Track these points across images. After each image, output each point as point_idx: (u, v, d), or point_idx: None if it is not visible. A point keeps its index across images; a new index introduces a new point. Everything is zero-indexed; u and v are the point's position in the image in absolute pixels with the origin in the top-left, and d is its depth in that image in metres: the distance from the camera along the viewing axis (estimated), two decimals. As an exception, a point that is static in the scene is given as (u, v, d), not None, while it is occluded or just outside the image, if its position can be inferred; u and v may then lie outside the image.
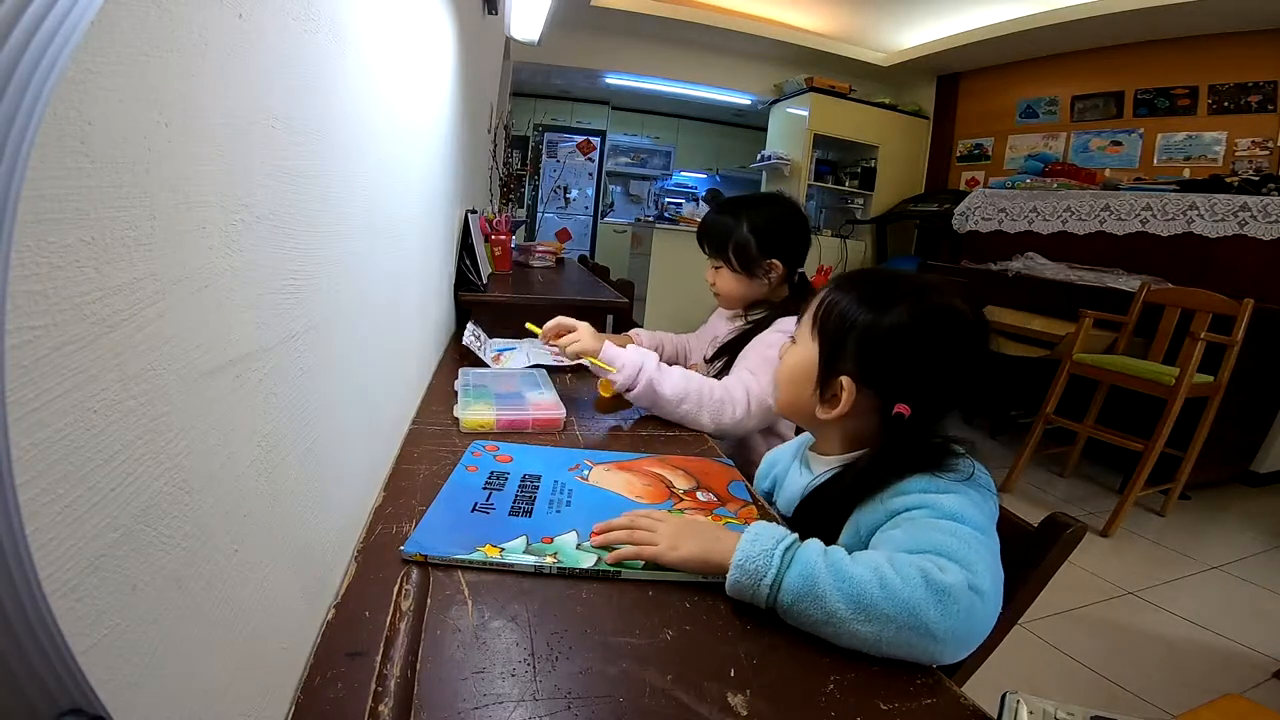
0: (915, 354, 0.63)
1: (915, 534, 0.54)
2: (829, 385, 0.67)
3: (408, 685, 0.43)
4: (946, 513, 0.55)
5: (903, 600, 0.48)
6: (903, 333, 0.63)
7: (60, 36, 0.18)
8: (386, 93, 0.68)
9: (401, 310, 0.87)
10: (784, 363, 0.74)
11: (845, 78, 4.64)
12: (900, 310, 0.63)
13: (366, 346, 0.65)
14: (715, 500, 0.74)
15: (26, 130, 0.17)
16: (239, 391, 0.34)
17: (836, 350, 0.66)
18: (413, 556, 0.58)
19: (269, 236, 0.37)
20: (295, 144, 0.41)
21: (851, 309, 0.66)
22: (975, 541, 0.53)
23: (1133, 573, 1.90)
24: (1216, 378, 2.17)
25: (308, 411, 0.46)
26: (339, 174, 0.52)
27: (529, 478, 0.75)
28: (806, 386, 0.69)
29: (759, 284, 1.16)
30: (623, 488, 0.75)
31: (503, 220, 2.21)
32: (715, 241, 1.17)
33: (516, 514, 0.67)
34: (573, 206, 6.61)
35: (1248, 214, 2.52)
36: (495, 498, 0.69)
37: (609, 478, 0.77)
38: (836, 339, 0.66)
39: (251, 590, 0.37)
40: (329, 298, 0.50)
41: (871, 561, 0.51)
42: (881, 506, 0.60)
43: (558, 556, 0.59)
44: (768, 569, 0.52)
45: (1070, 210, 3.09)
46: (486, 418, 0.91)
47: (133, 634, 0.25)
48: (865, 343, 0.64)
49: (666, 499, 0.73)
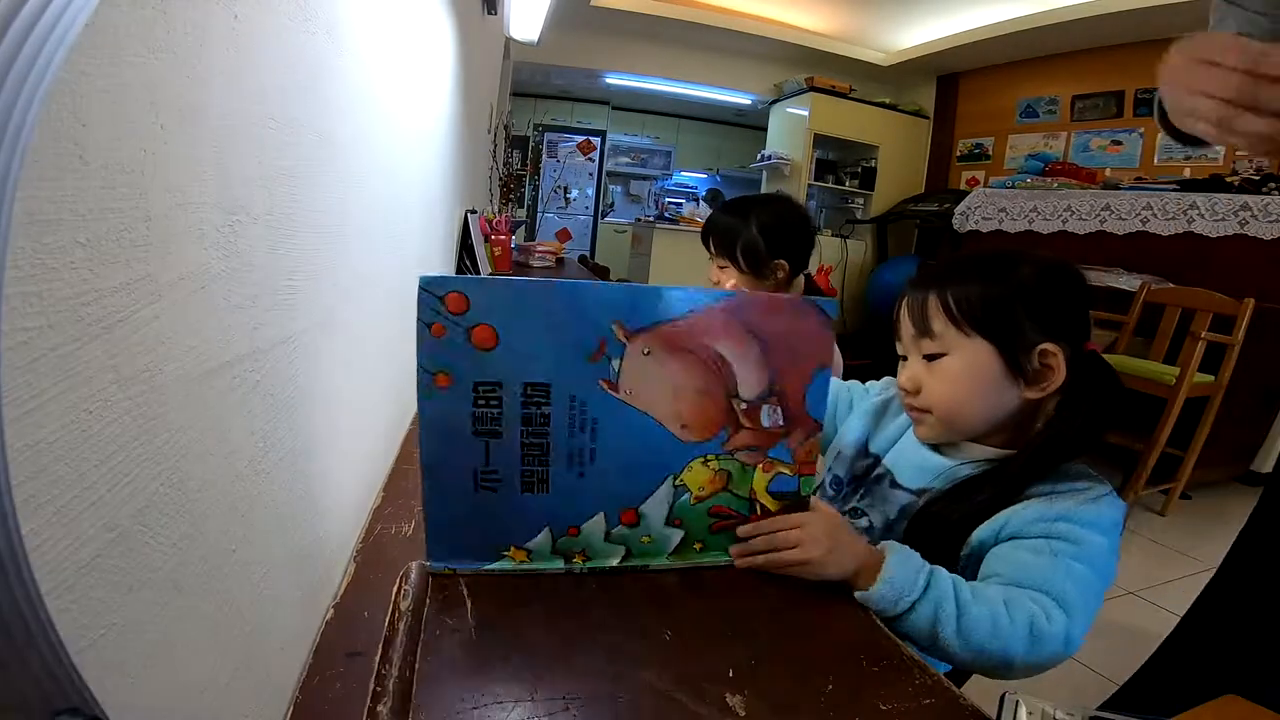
0: (1065, 299, 0.65)
1: (1046, 571, 0.56)
2: (1027, 362, 0.63)
3: (407, 685, 0.43)
4: (1088, 557, 0.57)
5: (1004, 642, 0.53)
6: (1046, 282, 0.65)
7: (55, 37, 0.18)
8: (385, 93, 0.68)
9: (400, 310, 0.87)
10: (944, 385, 0.66)
11: (845, 77, 4.64)
12: (1021, 270, 0.65)
13: (365, 347, 0.65)
14: (780, 428, 0.57)
15: (21, 132, 0.17)
16: (236, 392, 0.34)
17: (1012, 328, 0.63)
18: (443, 571, 0.54)
19: (266, 237, 0.37)
20: (293, 145, 0.41)
21: (988, 287, 0.64)
22: (1095, 592, 0.56)
23: (1133, 572, 1.89)
24: (1217, 377, 2.17)
25: (306, 412, 0.46)
26: (337, 175, 0.52)
27: (532, 390, 0.51)
28: (996, 384, 0.64)
29: (766, 285, 1.16)
30: (667, 406, 0.53)
31: (503, 220, 2.21)
32: (723, 241, 1.16)
33: (530, 488, 0.53)
34: (573, 206, 6.61)
35: (1248, 213, 2.51)
36: (497, 454, 0.52)
37: (651, 373, 0.52)
38: (1004, 317, 0.63)
39: (250, 590, 0.37)
40: (327, 299, 0.50)
41: (991, 601, 0.54)
42: (1039, 505, 0.60)
43: (586, 553, 0.55)
44: (911, 592, 0.54)
45: (1070, 210, 3.09)
46: None
47: (130, 634, 0.25)
48: (1030, 305, 0.64)
49: (719, 429, 0.55)
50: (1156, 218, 2.79)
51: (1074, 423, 0.63)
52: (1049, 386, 0.64)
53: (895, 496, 0.70)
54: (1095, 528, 0.58)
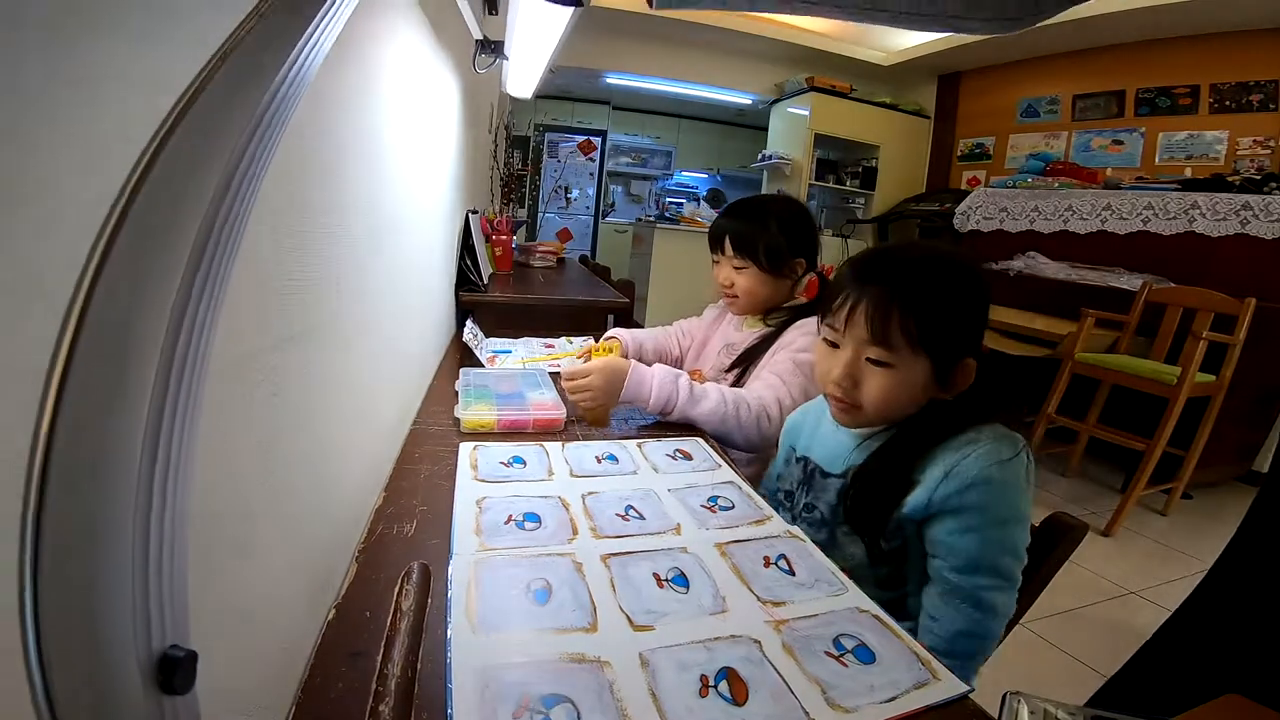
0: (986, 312, 0.70)
1: (980, 548, 0.64)
2: (951, 373, 0.69)
3: (408, 685, 0.43)
4: (1001, 512, 0.64)
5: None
6: (981, 297, 0.69)
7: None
8: (387, 93, 0.68)
9: (402, 311, 0.87)
10: (882, 392, 0.70)
11: (846, 77, 4.63)
12: (968, 286, 0.69)
13: (367, 347, 0.65)
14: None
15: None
16: (239, 392, 0.34)
17: (952, 347, 0.68)
18: None
19: (269, 237, 0.37)
20: (293, 145, 0.41)
21: (948, 310, 0.67)
22: (1017, 538, 0.65)
23: (1135, 572, 1.89)
24: (1218, 377, 2.17)
25: (308, 412, 0.46)
26: (339, 175, 0.52)
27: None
28: (923, 390, 0.70)
29: (784, 284, 1.16)
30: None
31: (504, 220, 2.21)
32: (743, 242, 1.14)
33: None
34: (574, 206, 6.61)
35: (1249, 213, 2.51)
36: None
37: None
38: (949, 339, 0.68)
39: (252, 590, 0.37)
40: (330, 298, 0.50)
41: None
42: (957, 457, 0.65)
43: None
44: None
45: (1072, 209, 3.09)
46: (487, 418, 0.91)
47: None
48: (969, 323, 0.69)
49: None
50: (1158, 217, 2.79)
51: (963, 402, 0.71)
52: (959, 391, 0.70)
53: (828, 484, 0.76)
54: (1000, 481, 0.64)
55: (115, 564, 0.17)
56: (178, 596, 0.19)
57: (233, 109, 0.20)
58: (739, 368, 1.15)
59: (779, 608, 0.54)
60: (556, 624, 0.50)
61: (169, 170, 0.18)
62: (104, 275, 0.17)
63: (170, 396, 0.18)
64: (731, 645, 0.49)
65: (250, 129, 0.20)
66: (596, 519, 0.67)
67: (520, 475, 0.76)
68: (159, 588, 0.18)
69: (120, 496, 0.17)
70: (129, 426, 0.17)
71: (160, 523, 0.18)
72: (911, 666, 0.49)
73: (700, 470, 0.83)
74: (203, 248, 0.19)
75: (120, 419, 0.17)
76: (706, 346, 1.29)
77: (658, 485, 0.77)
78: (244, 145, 0.20)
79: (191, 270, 0.18)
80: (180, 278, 0.18)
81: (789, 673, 0.47)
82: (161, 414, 0.18)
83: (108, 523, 0.17)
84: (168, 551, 0.19)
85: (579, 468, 0.80)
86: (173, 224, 0.18)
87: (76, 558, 0.16)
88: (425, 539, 0.62)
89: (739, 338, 1.21)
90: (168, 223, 0.18)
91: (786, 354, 1.06)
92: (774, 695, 0.44)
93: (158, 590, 0.18)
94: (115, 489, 0.17)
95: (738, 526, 0.68)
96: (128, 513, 0.17)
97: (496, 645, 0.47)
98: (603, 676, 0.45)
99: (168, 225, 0.18)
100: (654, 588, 0.56)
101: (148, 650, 0.18)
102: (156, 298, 0.18)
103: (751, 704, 0.44)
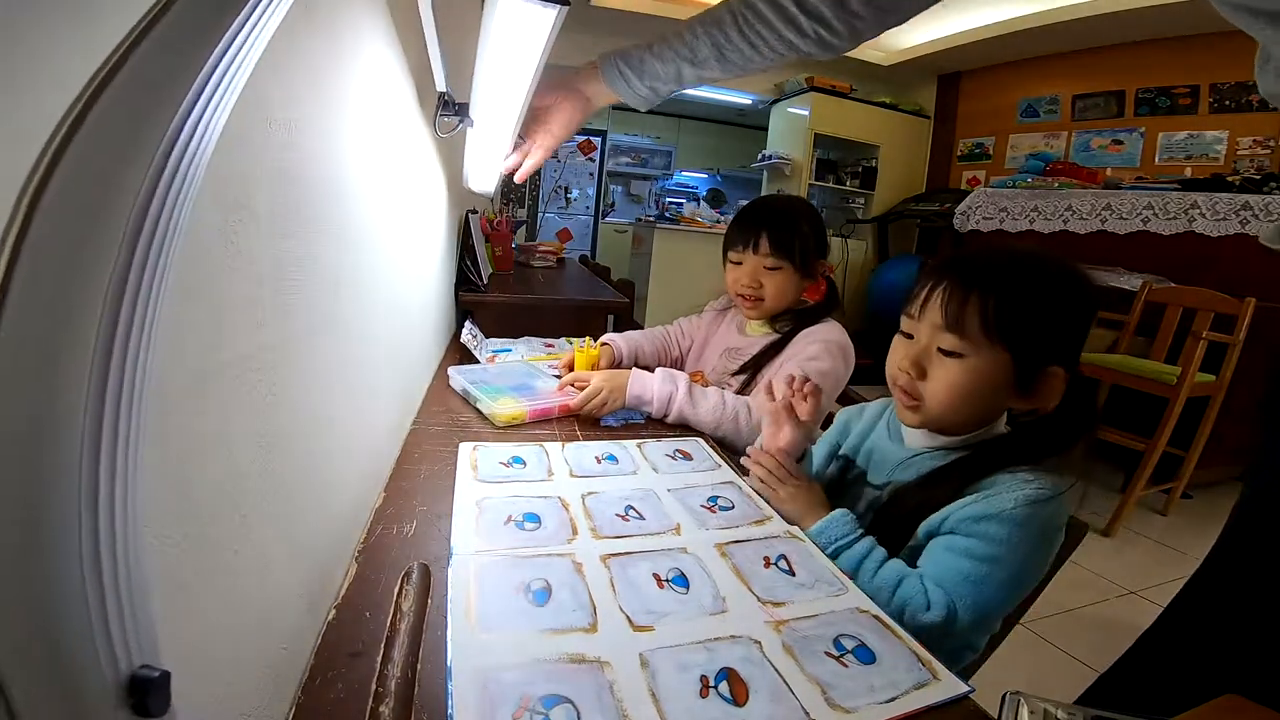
0: (1084, 322, 0.65)
1: (952, 572, 0.60)
2: (1032, 379, 0.64)
3: (408, 685, 0.43)
4: (1002, 557, 0.60)
5: (892, 609, 0.58)
6: (1078, 303, 0.64)
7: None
8: (387, 92, 0.68)
9: (402, 310, 0.87)
10: (949, 386, 0.65)
11: (846, 77, 4.63)
12: (1061, 285, 0.64)
13: (367, 347, 0.65)
14: None
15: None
16: (238, 392, 0.34)
17: (1035, 345, 0.63)
18: None
19: (268, 236, 0.37)
20: (294, 144, 0.41)
21: (1031, 301, 0.63)
22: (1000, 590, 0.60)
23: (1135, 572, 1.89)
24: (1218, 377, 2.17)
25: (308, 412, 0.46)
26: (339, 175, 0.52)
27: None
28: (996, 393, 0.65)
29: (809, 285, 1.14)
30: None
31: (503, 220, 2.21)
32: (782, 241, 1.09)
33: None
34: (573, 207, 6.60)
35: (1249, 213, 2.51)
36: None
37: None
38: (1033, 334, 0.62)
39: (251, 591, 0.37)
40: (329, 298, 0.50)
41: (894, 574, 0.62)
42: (978, 505, 0.62)
43: None
44: (840, 540, 0.65)
45: (1071, 209, 3.09)
46: (519, 410, 0.94)
47: (132, 634, 0.25)
48: (1058, 325, 0.63)
49: None
50: (1157, 217, 2.79)
51: (1044, 434, 0.65)
52: (1043, 407, 0.65)
53: (865, 494, 0.75)
54: (1021, 526, 0.60)
55: (65, 588, 0.15)
56: (140, 613, 0.18)
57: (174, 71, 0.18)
58: (745, 374, 1.13)
59: (779, 608, 0.54)
60: (556, 624, 0.50)
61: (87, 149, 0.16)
62: (20, 263, 0.14)
63: (110, 398, 0.17)
64: (731, 645, 0.49)
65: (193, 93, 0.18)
66: (596, 519, 0.67)
67: (520, 475, 0.76)
68: (117, 605, 0.17)
69: (59, 519, 0.15)
70: (66, 441, 0.15)
71: (111, 540, 0.17)
72: (911, 667, 0.49)
73: (700, 470, 0.83)
74: (135, 233, 0.17)
75: (51, 427, 0.15)
76: (707, 348, 1.29)
77: (657, 485, 0.77)
78: (186, 109, 0.18)
79: (125, 260, 0.17)
80: (112, 269, 0.16)
81: (789, 673, 0.47)
82: (101, 420, 0.16)
83: (49, 545, 0.15)
84: (123, 567, 0.17)
85: (579, 468, 0.80)
86: (99, 208, 0.16)
87: (18, 581, 0.14)
88: (425, 539, 0.62)
89: (743, 342, 1.19)
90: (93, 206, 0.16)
91: (796, 364, 1.05)
92: (774, 696, 0.44)
93: (117, 608, 0.17)
94: (52, 508, 0.15)
95: (737, 527, 0.68)
96: (72, 535, 0.15)
97: (496, 645, 0.47)
98: (602, 677, 0.45)
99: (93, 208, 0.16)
100: (654, 588, 0.56)
101: (115, 672, 0.16)
102: (86, 290, 0.16)
103: (751, 704, 0.43)
